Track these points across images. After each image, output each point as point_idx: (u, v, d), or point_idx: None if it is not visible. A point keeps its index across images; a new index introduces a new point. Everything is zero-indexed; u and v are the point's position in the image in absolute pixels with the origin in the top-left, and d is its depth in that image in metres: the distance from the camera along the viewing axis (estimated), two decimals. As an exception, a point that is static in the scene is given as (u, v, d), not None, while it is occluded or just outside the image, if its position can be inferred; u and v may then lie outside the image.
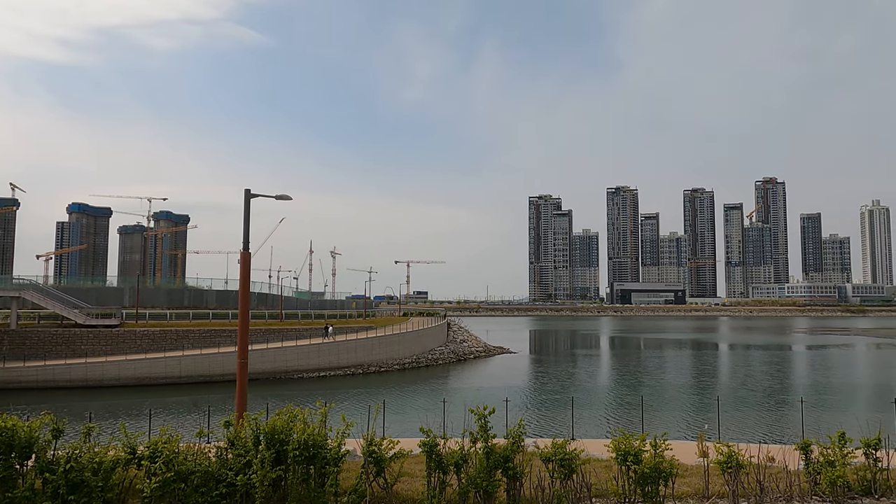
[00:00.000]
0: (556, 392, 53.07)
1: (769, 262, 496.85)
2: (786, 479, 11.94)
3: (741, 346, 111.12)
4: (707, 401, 47.07)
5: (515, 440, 11.22)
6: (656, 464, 10.92)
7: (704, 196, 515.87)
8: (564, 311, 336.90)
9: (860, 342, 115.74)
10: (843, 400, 47.50)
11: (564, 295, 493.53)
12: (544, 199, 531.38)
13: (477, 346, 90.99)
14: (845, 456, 11.71)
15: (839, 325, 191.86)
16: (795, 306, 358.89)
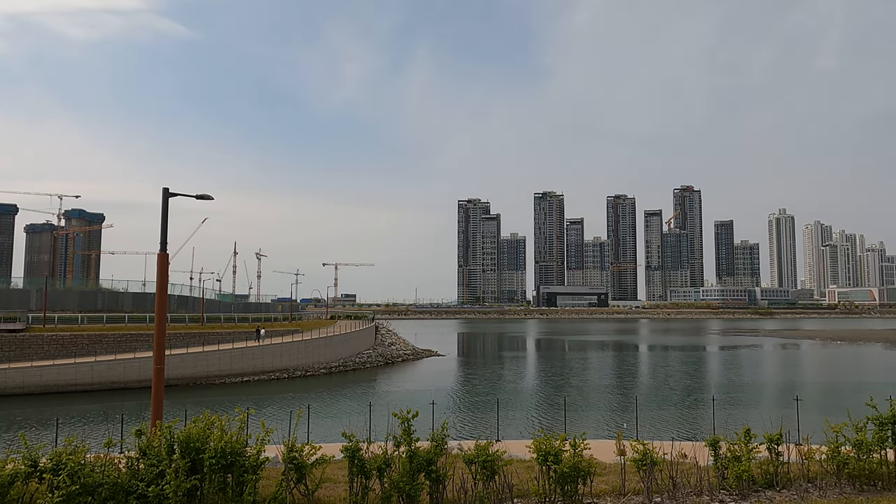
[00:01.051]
0: (483, 394, 53.60)
1: (686, 267, 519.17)
2: (696, 475, 12.48)
3: (660, 347, 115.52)
4: (627, 400, 48.63)
5: (439, 443, 11.25)
6: (575, 463, 11.18)
7: (626, 202, 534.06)
8: (492, 314, 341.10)
9: (767, 343, 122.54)
10: (750, 398, 50.11)
11: (492, 298, 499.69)
12: (473, 203, 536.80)
13: (405, 349, 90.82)
14: (750, 451, 12.33)
15: (749, 327, 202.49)
16: (710, 309, 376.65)
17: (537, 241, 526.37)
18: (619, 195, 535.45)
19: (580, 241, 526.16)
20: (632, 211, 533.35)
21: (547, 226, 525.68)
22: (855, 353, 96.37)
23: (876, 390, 15.65)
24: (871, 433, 12.71)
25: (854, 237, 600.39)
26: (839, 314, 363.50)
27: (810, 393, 51.25)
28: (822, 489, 12.29)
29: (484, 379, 65.78)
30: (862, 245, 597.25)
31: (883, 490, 12.26)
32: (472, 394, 54.79)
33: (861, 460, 12.45)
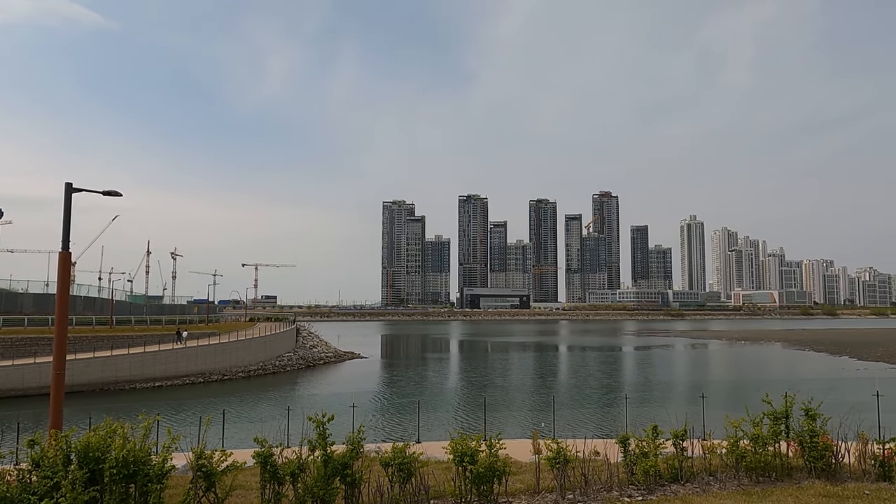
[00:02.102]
0: (405, 396, 53.52)
1: (604, 270, 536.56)
2: (607, 471, 12.87)
3: (578, 348, 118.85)
4: (545, 400, 49.72)
5: (355, 446, 11.13)
6: (491, 463, 11.31)
7: (548, 207, 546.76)
8: (416, 316, 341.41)
9: (678, 343, 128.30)
10: (660, 396, 52.30)
11: (416, 300, 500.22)
12: (398, 205, 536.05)
13: (327, 352, 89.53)
14: (657, 447, 12.84)
15: (661, 328, 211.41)
16: (626, 310, 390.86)
17: (461, 243, 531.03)
18: (542, 199, 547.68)
19: (503, 243, 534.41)
20: (553, 215, 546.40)
21: (471, 228, 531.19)
22: (757, 352, 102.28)
23: (773, 387, 16.65)
24: (766, 427, 13.48)
25: (757, 243, 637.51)
26: (743, 315, 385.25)
27: (716, 390, 53.96)
28: (722, 481, 12.94)
29: (406, 381, 65.70)
30: (764, 250, 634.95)
31: (776, 481, 13.03)
32: (394, 396, 54.63)
33: (757, 453, 13.18)
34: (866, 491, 12.02)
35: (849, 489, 12.15)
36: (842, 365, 76.53)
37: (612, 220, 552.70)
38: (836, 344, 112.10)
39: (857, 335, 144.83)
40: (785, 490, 12.25)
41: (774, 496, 11.78)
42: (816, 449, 13.17)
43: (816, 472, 13.19)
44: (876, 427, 20.08)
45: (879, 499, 11.51)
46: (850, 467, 13.48)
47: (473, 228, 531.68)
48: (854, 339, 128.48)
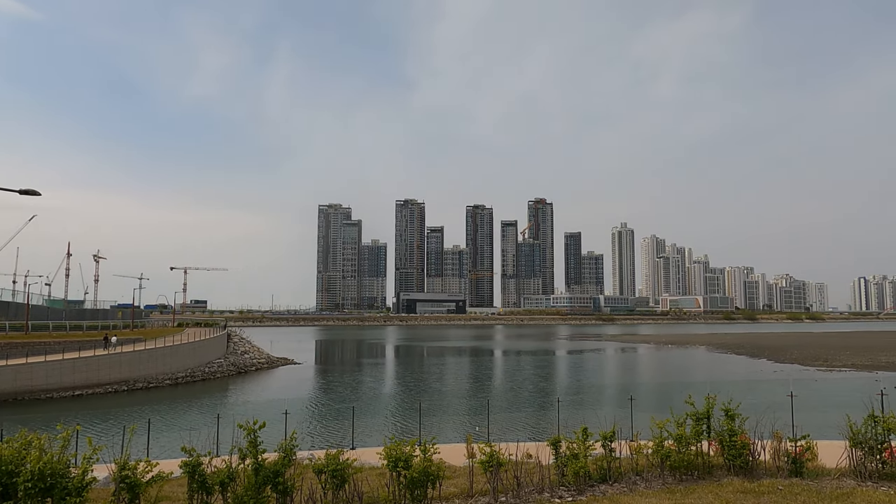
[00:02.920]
0: (340, 402, 52.90)
1: (538, 275, 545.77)
2: (539, 473, 13.12)
3: (513, 352, 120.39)
4: (481, 404, 50.13)
5: (287, 454, 10.96)
6: (425, 468, 11.34)
7: (484, 212, 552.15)
8: (351, 321, 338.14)
9: (609, 347, 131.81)
10: (592, 399, 53.59)
11: (352, 304, 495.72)
12: (334, 208, 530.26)
13: (259, 358, 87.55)
14: (587, 449, 13.18)
15: (593, 332, 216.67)
16: (559, 315, 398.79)
17: (398, 247, 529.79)
18: (478, 205, 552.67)
19: (440, 248, 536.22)
20: (490, 221, 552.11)
21: (408, 233, 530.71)
22: (682, 356, 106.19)
23: (697, 389, 17.33)
24: (690, 428, 14.05)
25: (684, 250, 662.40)
26: (670, 320, 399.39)
27: (644, 393, 55.69)
28: (648, 481, 13.40)
29: (342, 386, 64.97)
30: (690, 257, 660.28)
31: (699, 479, 13.59)
32: (329, 402, 53.93)
33: (681, 453, 13.71)
34: (780, 486, 12.68)
35: (764, 485, 12.80)
36: (760, 367, 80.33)
37: (547, 226, 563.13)
38: (755, 347, 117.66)
39: (774, 339, 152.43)
40: (706, 487, 12.80)
41: (696, 494, 12.28)
42: (735, 447, 13.80)
43: (735, 469, 13.82)
44: (790, 426, 21.16)
45: (791, 493, 12.17)
46: (766, 464, 14.18)
47: (410, 233, 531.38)
48: (771, 342, 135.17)
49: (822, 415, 28.08)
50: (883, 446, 13.28)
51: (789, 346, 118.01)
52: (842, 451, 14.06)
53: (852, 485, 12.77)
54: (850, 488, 12.49)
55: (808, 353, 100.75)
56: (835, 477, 13.40)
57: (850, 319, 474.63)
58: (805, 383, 61.17)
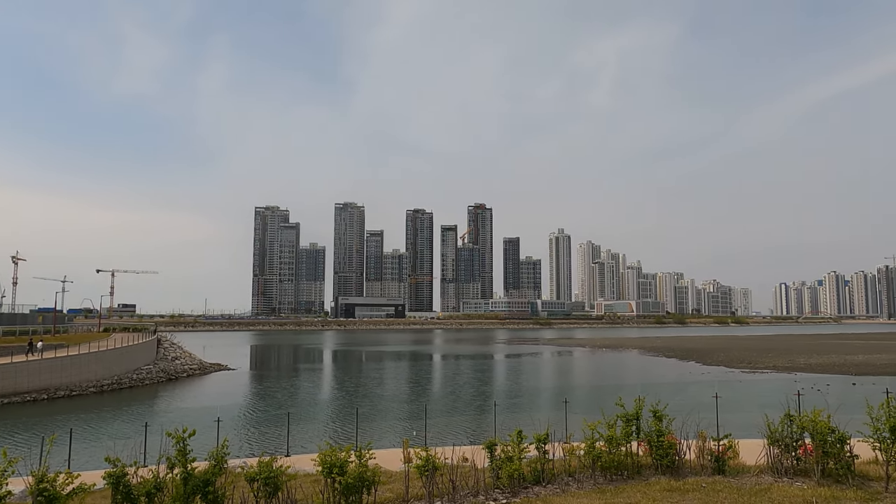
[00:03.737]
0: (275, 408, 51.88)
1: (478, 280, 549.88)
2: (474, 476, 13.25)
3: (452, 356, 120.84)
4: (419, 409, 50.11)
5: (218, 462, 10.70)
6: (360, 473, 11.29)
7: (424, 217, 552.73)
8: (288, 326, 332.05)
9: (546, 350, 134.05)
10: (528, 402, 54.37)
11: (289, 309, 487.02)
12: (272, 210, 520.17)
13: (191, 364, 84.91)
14: (521, 451, 13.40)
15: (531, 336, 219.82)
16: (497, 319, 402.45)
17: (337, 251, 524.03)
18: (418, 209, 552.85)
19: (380, 252, 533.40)
20: (429, 225, 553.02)
21: (347, 236, 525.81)
22: (616, 359, 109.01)
23: (629, 391, 17.86)
24: (620, 429, 14.47)
25: (618, 256, 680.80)
26: (605, 324, 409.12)
27: (578, 395, 56.91)
28: (580, 482, 13.72)
29: (278, 392, 63.72)
30: (624, 263, 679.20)
31: (628, 478, 14.01)
32: (264, 408, 52.80)
33: (612, 453, 14.11)
34: (703, 484, 13.21)
35: (689, 483, 13.31)
36: (689, 370, 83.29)
37: (487, 231, 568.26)
38: (684, 350, 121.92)
39: (702, 342, 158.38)
40: (635, 487, 13.20)
41: (625, 493, 12.66)
42: (662, 447, 14.30)
43: (662, 468, 14.32)
44: (714, 426, 22.03)
45: (714, 490, 12.70)
46: (691, 463, 14.75)
47: (350, 237, 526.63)
48: (700, 346, 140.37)
49: (744, 415, 29.31)
50: (798, 444, 14.02)
51: (716, 349, 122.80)
52: (761, 448, 14.76)
53: (770, 481, 13.43)
54: (767, 484, 13.13)
55: (733, 355, 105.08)
56: (754, 474, 14.05)
57: (772, 323, 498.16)
58: (730, 384, 63.77)
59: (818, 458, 13.39)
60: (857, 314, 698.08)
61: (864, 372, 72.94)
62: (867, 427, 13.10)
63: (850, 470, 13.13)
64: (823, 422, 13.45)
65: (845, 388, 57.50)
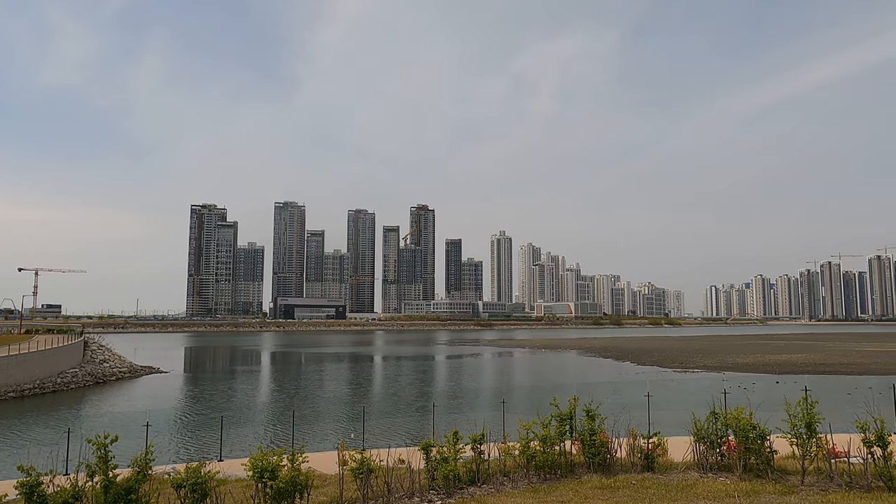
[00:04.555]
0: (209, 412, 50.46)
1: (420, 281, 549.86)
2: (409, 478, 13.20)
3: (393, 357, 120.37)
4: (358, 411, 49.67)
5: (142, 469, 10.31)
6: (292, 477, 11.08)
7: (367, 217, 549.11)
8: (225, 327, 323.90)
9: (486, 351, 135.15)
10: (467, 403, 54.70)
11: (226, 310, 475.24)
12: (208, 209, 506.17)
13: (121, 367, 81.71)
14: (457, 452, 13.44)
15: (472, 337, 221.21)
16: (439, 321, 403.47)
17: (277, 251, 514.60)
18: (360, 210, 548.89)
19: (320, 253, 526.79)
20: (372, 226, 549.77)
21: (287, 236, 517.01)
22: (555, 360, 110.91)
23: (566, 391, 18.19)
24: (554, 429, 14.69)
25: (558, 258, 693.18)
26: (544, 325, 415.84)
27: (517, 396, 57.62)
28: (514, 481, 13.86)
29: (212, 396, 62.01)
30: (563, 265, 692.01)
31: (561, 477, 14.23)
32: (197, 412, 51.27)
33: (546, 453, 14.31)
34: (633, 481, 13.56)
35: (620, 480, 13.63)
36: (624, 370, 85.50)
37: (429, 232, 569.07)
38: (620, 351, 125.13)
39: (637, 343, 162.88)
40: (568, 485, 13.43)
41: (558, 491, 12.86)
42: (595, 446, 14.60)
43: (594, 466, 14.62)
44: (646, 424, 22.66)
45: (643, 487, 13.04)
46: (622, 461, 15.12)
47: (290, 236, 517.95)
48: (635, 346, 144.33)
49: (675, 413, 30.27)
50: (722, 440, 14.56)
51: (650, 350, 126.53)
52: (688, 445, 15.26)
53: (696, 476, 13.90)
54: (693, 480, 13.58)
55: (666, 355, 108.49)
56: (681, 470, 14.52)
57: (703, 324, 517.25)
58: (663, 384, 65.80)
59: (740, 453, 13.94)
60: (782, 315, 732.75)
61: (787, 371, 76.53)
62: (786, 423, 13.71)
63: (769, 465, 13.72)
64: (745, 419, 14.01)
65: (769, 387, 60.15)
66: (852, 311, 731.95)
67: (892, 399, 30.58)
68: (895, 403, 29.44)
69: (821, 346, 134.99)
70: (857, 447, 13.79)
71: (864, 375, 69.40)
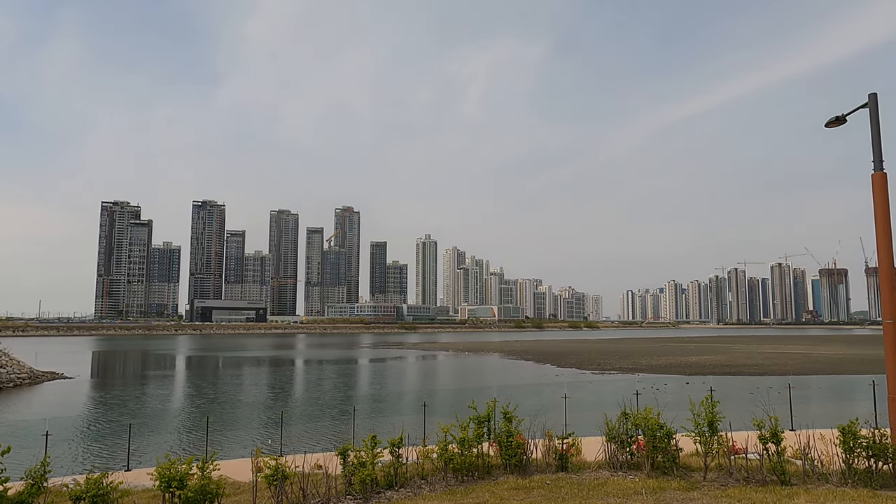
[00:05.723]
0: (117, 419, 48.09)
1: (343, 283, 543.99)
2: (326, 484, 13.03)
3: (315, 361, 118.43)
4: (276, 416, 48.56)
5: (36, 481, 9.72)
6: (202, 486, 10.73)
7: (290, 218, 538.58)
8: (137, 330, 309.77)
9: (410, 355, 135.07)
10: (390, 406, 54.52)
11: (139, 312, 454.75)
12: (121, 206, 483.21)
13: (20, 372, 76.62)
14: (375, 456, 13.37)
15: (396, 341, 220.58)
16: (363, 324, 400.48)
17: (194, 251, 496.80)
18: (283, 210, 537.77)
19: (241, 253, 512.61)
20: (295, 227, 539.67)
21: (206, 236, 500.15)
22: (477, 363, 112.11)
23: (488, 393, 18.42)
24: (472, 431, 14.85)
25: (482, 262, 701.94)
26: (468, 328, 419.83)
27: (439, 399, 57.88)
28: (432, 484, 13.92)
29: (122, 402, 59.11)
30: (487, 269, 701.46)
31: (479, 479, 14.41)
32: (106, 420, 48.77)
33: (464, 455, 14.45)
34: (548, 481, 13.89)
35: (535, 480, 13.93)
36: (545, 372, 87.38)
37: (354, 234, 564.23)
38: (541, 354, 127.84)
39: (558, 345, 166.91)
40: (484, 486, 13.61)
41: (475, 493, 13.01)
42: (511, 447, 14.86)
43: (511, 467, 14.88)
44: (562, 425, 23.25)
45: (557, 486, 13.38)
46: (538, 461, 15.46)
47: (209, 236, 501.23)
48: (555, 349, 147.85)
49: (590, 414, 31.18)
50: (632, 440, 15.14)
51: (570, 352, 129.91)
52: (600, 445, 15.77)
53: (607, 475, 14.38)
54: (604, 478, 14.05)
55: (585, 358, 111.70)
56: (593, 469, 14.99)
57: (620, 327, 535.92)
58: (581, 385, 67.67)
59: (648, 452, 14.53)
60: (692, 319, 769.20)
61: (696, 372, 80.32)
62: (691, 422, 14.41)
63: (674, 462, 14.37)
64: (653, 419, 14.62)
65: (680, 387, 62.92)
66: (756, 315, 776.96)
67: (787, 398, 32.67)
68: (790, 402, 31.47)
69: (727, 348, 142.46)
70: (754, 444, 14.64)
71: (765, 376, 73.73)
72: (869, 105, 16.93)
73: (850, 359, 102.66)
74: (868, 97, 16.99)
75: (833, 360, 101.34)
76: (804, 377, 72.24)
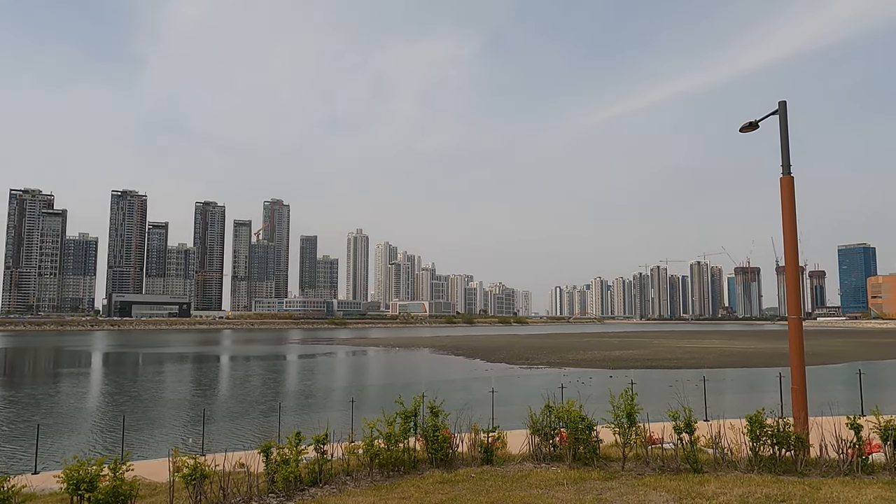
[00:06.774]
0: (24, 420, 45.52)
1: (272, 278, 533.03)
2: (247, 482, 12.73)
3: (241, 357, 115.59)
4: (198, 415, 47.12)
5: (-73, 487, 9.06)
6: (114, 488, 10.28)
7: (216, 210, 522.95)
8: (49, 326, 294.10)
9: (340, 350, 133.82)
10: (317, 403, 53.80)
11: (51, 307, 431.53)
12: (31, 194, 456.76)
13: (-85, 372, 71.40)
14: (299, 453, 13.15)
15: (325, 336, 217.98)
16: (292, 319, 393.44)
17: (113, 243, 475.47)
18: (209, 202, 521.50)
19: (163, 246, 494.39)
20: (221, 219, 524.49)
21: (126, 228, 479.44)
22: (408, 358, 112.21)
23: (417, 388, 18.44)
24: (399, 426, 14.84)
25: (414, 257, 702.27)
26: (399, 324, 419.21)
27: (368, 394, 57.62)
28: (357, 480, 13.82)
29: (30, 402, 55.94)
30: (419, 265, 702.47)
31: (405, 473, 14.40)
32: (11, 421, 46.08)
33: (390, 450, 14.41)
34: (473, 474, 14.04)
35: (460, 474, 14.05)
36: (474, 367, 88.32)
37: (283, 228, 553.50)
38: (471, 349, 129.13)
39: (488, 341, 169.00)
40: (410, 481, 13.62)
41: (400, 488, 13.01)
42: (437, 441, 14.93)
43: (437, 461, 14.94)
44: (489, 419, 23.58)
45: (482, 479, 13.55)
46: (464, 455, 15.59)
47: (129, 228, 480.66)
48: (485, 344, 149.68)
49: (517, 408, 31.76)
50: (555, 432, 15.49)
51: (500, 347, 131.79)
52: (525, 438, 16.07)
53: (531, 467, 14.66)
54: (528, 470, 14.32)
55: (514, 353, 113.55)
56: (518, 462, 15.25)
57: (549, 323, 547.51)
58: (509, 380, 68.81)
59: (571, 444, 14.90)
60: (617, 315, 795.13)
61: (620, 366, 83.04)
62: (611, 414, 14.88)
63: (595, 453, 14.79)
64: (575, 412, 15.00)
65: (604, 381, 64.88)
66: (676, 311, 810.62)
67: (702, 390, 34.25)
68: (705, 394, 32.99)
69: (649, 343, 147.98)
70: (669, 434, 15.26)
71: (683, 369, 77.03)
72: (779, 112, 17.90)
73: (761, 352, 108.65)
74: (778, 104, 17.95)
75: (746, 353, 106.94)
76: (719, 370, 75.87)
